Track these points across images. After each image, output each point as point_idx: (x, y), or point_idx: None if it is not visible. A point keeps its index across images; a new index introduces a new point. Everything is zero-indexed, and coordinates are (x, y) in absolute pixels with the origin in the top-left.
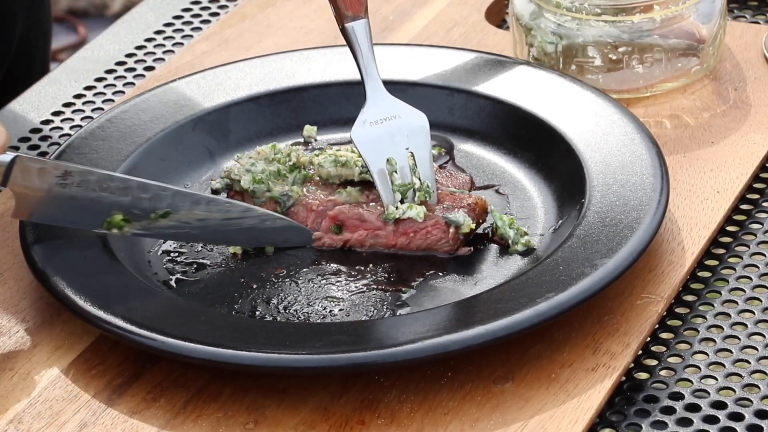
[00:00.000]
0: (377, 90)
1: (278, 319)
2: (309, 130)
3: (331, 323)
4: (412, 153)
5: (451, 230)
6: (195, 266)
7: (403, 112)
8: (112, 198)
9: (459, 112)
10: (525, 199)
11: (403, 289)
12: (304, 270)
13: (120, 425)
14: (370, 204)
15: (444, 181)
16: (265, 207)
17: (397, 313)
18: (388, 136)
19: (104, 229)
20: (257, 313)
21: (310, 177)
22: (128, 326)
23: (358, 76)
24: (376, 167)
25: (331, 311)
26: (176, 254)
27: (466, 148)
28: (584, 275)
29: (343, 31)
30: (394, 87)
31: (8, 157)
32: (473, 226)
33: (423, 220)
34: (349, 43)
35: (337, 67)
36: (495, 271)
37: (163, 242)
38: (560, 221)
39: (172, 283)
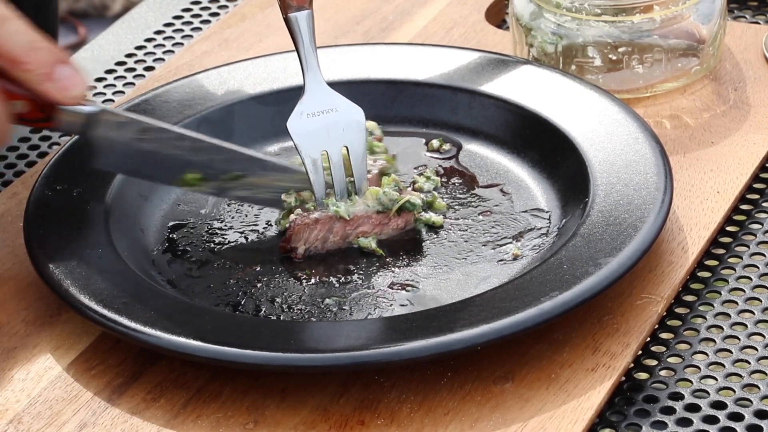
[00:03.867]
0: (316, 82)
1: (282, 318)
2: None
3: (334, 322)
4: (346, 147)
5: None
6: (198, 265)
7: (340, 106)
8: (186, 156)
9: (462, 112)
10: (529, 198)
11: (407, 288)
12: (307, 269)
13: (120, 425)
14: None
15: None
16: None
17: (401, 312)
18: (325, 130)
19: (179, 185)
20: (261, 312)
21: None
22: (132, 324)
23: (360, 76)
24: (310, 158)
25: (334, 310)
26: (180, 253)
27: (470, 147)
28: (588, 274)
29: (286, 21)
30: (396, 87)
31: (90, 108)
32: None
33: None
34: (292, 34)
35: (339, 67)
36: (498, 270)
37: (167, 242)
38: (564, 220)
39: (176, 281)
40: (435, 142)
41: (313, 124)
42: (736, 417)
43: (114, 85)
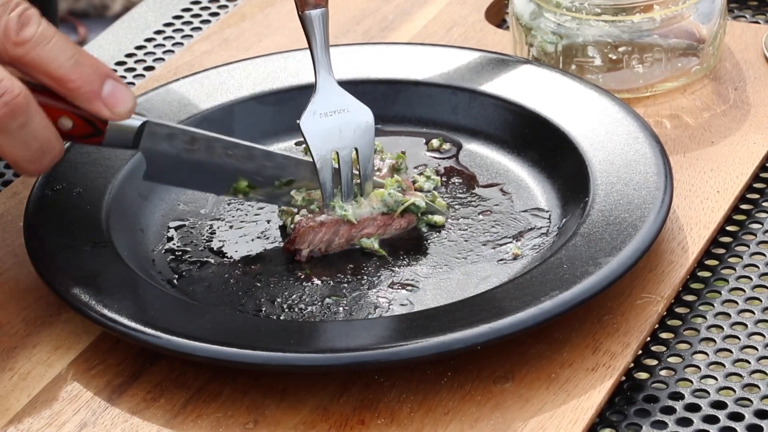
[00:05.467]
0: (329, 81)
1: (282, 317)
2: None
3: (335, 322)
4: (356, 149)
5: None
6: (199, 265)
7: (351, 107)
8: (236, 164)
9: (462, 111)
10: (529, 198)
11: (407, 287)
12: (308, 269)
13: (120, 425)
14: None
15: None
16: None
17: (401, 312)
18: (337, 130)
19: (230, 194)
20: (261, 311)
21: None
22: (133, 324)
23: (361, 75)
24: (321, 156)
25: (334, 310)
26: (180, 253)
27: (470, 147)
28: (588, 274)
29: (301, 19)
30: (396, 86)
31: (138, 121)
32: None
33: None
34: (306, 31)
35: (339, 66)
36: (498, 269)
37: (168, 241)
38: (564, 220)
39: (176, 281)
40: (435, 142)
41: (326, 124)
42: (737, 417)
43: None
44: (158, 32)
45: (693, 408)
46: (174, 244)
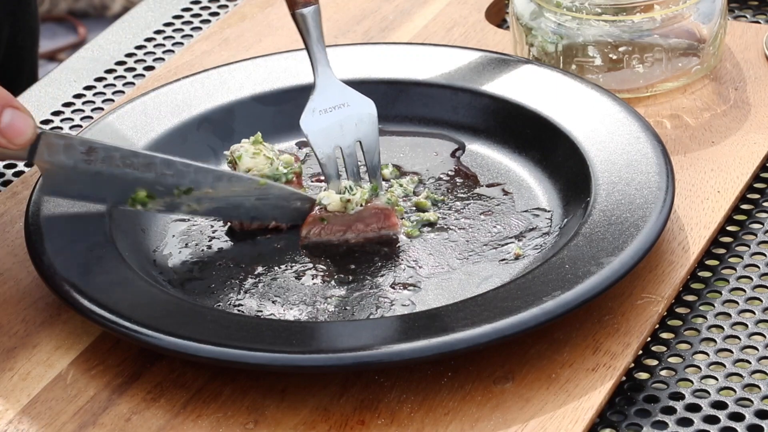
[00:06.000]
0: (326, 77)
1: (283, 318)
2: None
3: (336, 322)
4: (360, 142)
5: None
6: (200, 265)
7: (352, 100)
8: (136, 174)
9: (463, 111)
10: (530, 198)
11: (408, 287)
12: (309, 269)
13: (120, 425)
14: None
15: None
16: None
17: (402, 312)
18: (338, 125)
19: (129, 205)
20: (262, 312)
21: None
22: (132, 324)
23: (361, 75)
24: (324, 153)
25: (335, 310)
26: (181, 253)
27: (471, 147)
28: (590, 274)
29: (294, 18)
30: (396, 86)
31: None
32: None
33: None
34: (300, 30)
35: (339, 66)
36: (500, 269)
37: (168, 242)
38: (566, 220)
39: (177, 281)
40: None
41: (326, 121)
42: (737, 417)
43: (114, 85)
44: (158, 32)
45: (693, 408)
46: (175, 244)
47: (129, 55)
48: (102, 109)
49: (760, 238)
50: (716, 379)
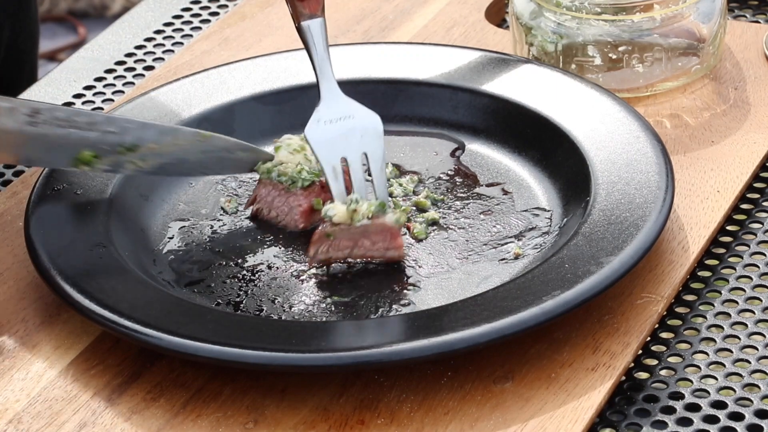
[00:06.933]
0: (332, 89)
1: (283, 317)
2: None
3: (336, 322)
4: (365, 154)
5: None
6: (199, 264)
7: (357, 113)
8: (80, 134)
9: (463, 111)
10: (530, 198)
11: (408, 287)
12: (309, 269)
13: (120, 425)
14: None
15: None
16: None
17: (402, 312)
18: (343, 137)
19: (74, 166)
20: (262, 311)
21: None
22: (132, 324)
23: (361, 75)
24: (330, 165)
25: (335, 310)
26: (181, 253)
27: (471, 146)
28: (590, 273)
29: (299, 30)
30: (396, 86)
31: None
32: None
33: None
34: (305, 42)
35: (340, 66)
36: (500, 269)
37: (168, 241)
38: (565, 219)
39: (177, 281)
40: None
41: (331, 132)
42: (737, 417)
43: (114, 85)
44: (158, 32)
45: (693, 408)
46: (175, 243)
47: (129, 55)
48: (102, 108)
49: (759, 237)
50: (716, 378)
